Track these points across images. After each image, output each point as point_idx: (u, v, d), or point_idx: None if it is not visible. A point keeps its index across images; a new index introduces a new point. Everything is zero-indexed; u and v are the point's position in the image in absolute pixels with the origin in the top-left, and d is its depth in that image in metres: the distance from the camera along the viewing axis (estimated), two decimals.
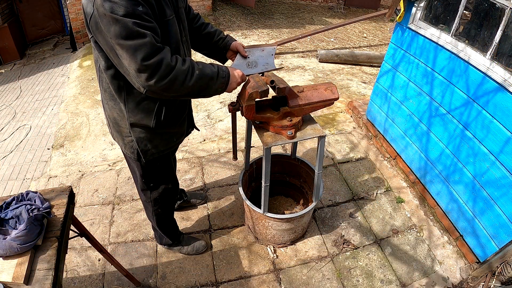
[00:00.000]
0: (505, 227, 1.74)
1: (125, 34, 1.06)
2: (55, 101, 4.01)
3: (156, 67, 1.12)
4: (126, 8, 1.05)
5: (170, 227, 1.97)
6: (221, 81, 1.31)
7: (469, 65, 1.88)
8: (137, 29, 1.07)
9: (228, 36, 1.61)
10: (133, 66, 1.11)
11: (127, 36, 1.07)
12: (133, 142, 1.44)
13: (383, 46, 5.66)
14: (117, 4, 1.04)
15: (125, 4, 1.05)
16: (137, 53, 1.08)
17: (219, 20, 6.09)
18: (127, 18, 1.05)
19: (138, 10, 1.07)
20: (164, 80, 1.14)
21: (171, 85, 1.17)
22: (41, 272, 1.08)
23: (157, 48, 1.12)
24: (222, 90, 1.34)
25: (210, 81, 1.27)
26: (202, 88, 1.27)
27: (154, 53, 1.11)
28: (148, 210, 1.85)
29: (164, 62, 1.13)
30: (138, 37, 1.08)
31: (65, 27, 6.37)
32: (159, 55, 1.12)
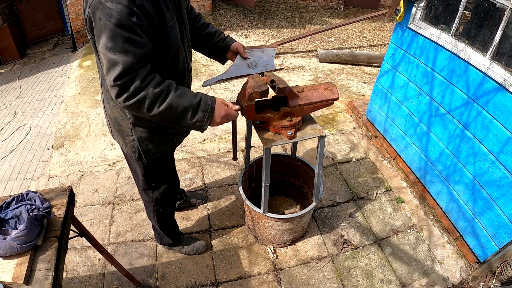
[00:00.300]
0: (505, 227, 1.74)
1: (110, 45, 1.04)
2: (55, 101, 4.01)
3: (125, 86, 1.09)
4: (120, 17, 1.02)
5: (171, 227, 1.97)
6: (201, 115, 1.19)
7: (469, 65, 1.88)
8: (123, 44, 1.04)
9: (229, 37, 1.61)
10: (108, 80, 1.09)
11: (111, 48, 1.05)
12: (135, 141, 1.44)
13: (383, 46, 5.66)
14: (112, 10, 1.01)
15: (120, 12, 1.02)
16: (114, 68, 1.06)
17: (219, 20, 6.09)
18: (118, 28, 1.03)
19: (131, 21, 1.04)
20: (131, 100, 1.10)
21: (138, 107, 1.12)
22: (41, 272, 1.08)
23: (133, 68, 1.08)
24: (203, 125, 1.22)
25: (184, 112, 1.17)
26: (176, 117, 1.18)
27: (127, 73, 1.07)
28: (149, 210, 1.85)
29: (134, 82, 1.08)
30: (120, 52, 1.05)
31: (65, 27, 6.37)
32: (131, 75, 1.08)
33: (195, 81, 3.99)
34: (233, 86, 3.97)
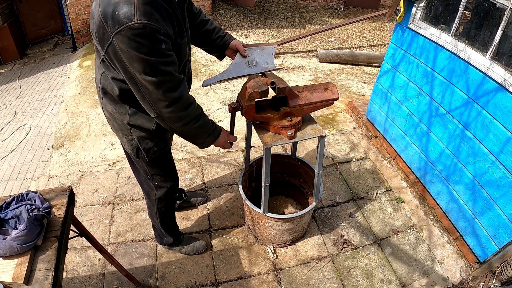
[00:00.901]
0: (505, 227, 1.74)
1: (149, 71, 1.11)
2: (55, 101, 4.01)
3: (175, 100, 1.21)
4: (150, 48, 1.08)
5: (172, 226, 1.98)
6: (212, 138, 1.46)
7: (469, 65, 1.88)
8: (161, 68, 1.12)
9: (227, 34, 1.61)
10: (154, 95, 1.18)
11: (151, 73, 1.12)
12: (133, 140, 1.46)
13: (383, 46, 5.66)
14: (142, 44, 1.06)
15: (149, 44, 1.07)
16: (161, 87, 1.16)
17: (219, 20, 6.09)
18: (152, 57, 1.09)
19: (161, 49, 1.10)
20: (178, 113, 1.25)
21: (180, 120, 1.28)
22: (41, 272, 1.08)
23: (178, 82, 1.21)
24: (207, 145, 1.50)
25: (205, 133, 1.42)
26: (196, 135, 1.41)
27: (175, 87, 1.20)
28: (151, 210, 1.86)
29: (183, 98, 1.23)
30: (161, 74, 1.13)
31: (65, 27, 6.37)
32: (179, 90, 1.21)
33: (195, 81, 3.99)
34: (233, 86, 3.96)
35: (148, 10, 1.06)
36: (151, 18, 1.06)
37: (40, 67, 5.24)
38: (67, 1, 5.11)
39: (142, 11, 1.04)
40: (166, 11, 1.14)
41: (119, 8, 1.04)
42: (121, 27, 1.04)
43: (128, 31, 1.04)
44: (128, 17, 1.03)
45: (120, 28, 1.04)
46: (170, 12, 1.16)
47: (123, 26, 1.04)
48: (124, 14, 1.03)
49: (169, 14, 1.16)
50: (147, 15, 1.05)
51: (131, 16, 1.03)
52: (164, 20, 1.11)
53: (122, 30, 1.04)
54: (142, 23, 1.03)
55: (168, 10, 1.16)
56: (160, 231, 1.97)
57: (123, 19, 1.03)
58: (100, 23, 1.09)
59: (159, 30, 1.08)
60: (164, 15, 1.12)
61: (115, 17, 1.04)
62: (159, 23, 1.08)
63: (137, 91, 1.21)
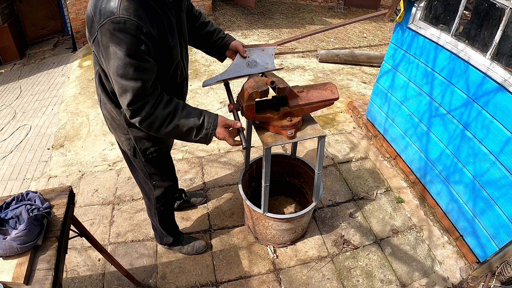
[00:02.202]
0: (505, 227, 1.74)
1: (121, 72, 1.09)
2: (55, 101, 4.01)
3: (138, 110, 1.17)
4: (129, 47, 1.06)
5: (171, 225, 1.98)
6: (204, 132, 1.28)
7: (469, 65, 1.88)
8: (133, 72, 1.10)
9: (228, 35, 1.61)
10: (121, 103, 1.18)
11: (122, 75, 1.10)
12: (131, 140, 1.46)
13: (383, 46, 5.66)
14: (122, 40, 1.04)
15: (129, 41, 1.05)
16: (126, 94, 1.13)
17: (219, 20, 6.09)
18: (128, 58, 1.07)
19: (140, 50, 1.08)
20: (143, 123, 1.21)
21: (150, 127, 1.23)
22: (41, 272, 1.08)
23: (144, 95, 1.16)
24: (207, 141, 1.32)
25: (190, 130, 1.27)
26: (182, 135, 1.29)
27: (140, 99, 1.15)
28: (150, 209, 1.86)
29: (146, 107, 1.17)
30: (131, 79, 1.11)
31: (65, 27, 6.37)
32: (143, 100, 1.16)
33: (195, 81, 3.99)
34: (233, 86, 3.96)
35: (132, 6, 1.05)
36: (134, 14, 1.04)
37: (40, 67, 5.24)
38: (67, 1, 5.12)
39: (126, 5, 1.03)
40: (154, 11, 1.12)
41: (106, 2, 1.04)
42: (104, 21, 1.03)
43: (110, 24, 1.03)
44: (111, 11, 1.03)
45: (103, 22, 1.04)
46: (158, 13, 1.14)
47: (106, 19, 1.03)
48: (108, 8, 1.03)
49: (157, 15, 1.14)
50: (130, 10, 1.04)
51: (114, 10, 1.03)
52: (149, 19, 1.10)
53: (105, 24, 1.04)
54: (123, 18, 1.02)
55: (157, 10, 1.14)
56: (160, 231, 1.97)
57: (107, 12, 1.03)
58: (90, 16, 1.09)
59: (141, 28, 1.06)
60: (150, 14, 1.10)
61: (101, 10, 1.04)
62: (142, 20, 1.06)
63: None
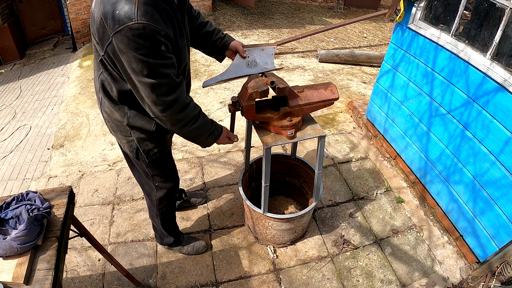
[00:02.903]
0: (505, 227, 1.74)
1: (146, 73, 1.10)
2: (55, 101, 4.01)
3: (171, 104, 1.20)
4: (150, 49, 1.07)
5: (172, 226, 1.98)
6: (213, 137, 1.46)
7: (469, 65, 1.88)
8: (160, 70, 1.11)
9: (227, 35, 1.61)
10: (150, 98, 1.17)
11: (148, 75, 1.11)
12: (133, 142, 1.45)
13: (383, 46, 5.66)
14: (141, 45, 1.05)
15: (149, 45, 1.06)
16: (156, 90, 1.15)
17: (219, 20, 6.09)
18: (151, 59, 1.08)
19: (161, 50, 1.09)
20: (174, 117, 1.25)
21: (177, 122, 1.28)
22: (41, 272, 1.08)
23: (175, 85, 1.19)
24: (208, 145, 1.48)
25: (205, 134, 1.42)
26: (196, 136, 1.41)
27: (171, 91, 1.19)
28: (152, 210, 1.86)
29: (179, 101, 1.22)
30: (159, 77, 1.12)
31: (65, 27, 6.37)
32: (175, 93, 1.20)
33: (195, 81, 3.99)
34: (233, 86, 3.96)
35: (149, 10, 1.05)
36: (151, 19, 1.05)
37: (40, 67, 5.24)
38: (67, 1, 5.11)
39: (143, 11, 1.03)
40: (167, 12, 1.13)
41: (120, 7, 1.03)
42: (121, 27, 1.03)
43: (128, 31, 1.03)
44: (128, 17, 1.02)
45: (120, 28, 1.03)
46: (170, 13, 1.16)
47: (123, 26, 1.02)
48: (124, 14, 1.02)
49: (170, 16, 1.15)
50: (148, 16, 1.04)
51: (131, 16, 1.02)
52: (164, 21, 1.11)
53: (122, 30, 1.03)
54: (142, 24, 1.02)
55: (169, 11, 1.15)
56: (161, 231, 1.97)
57: (123, 19, 1.02)
58: (101, 22, 1.08)
59: (159, 31, 1.07)
60: (164, 16, 1.11)
61: (115, 16, 1.03)
62: (159, 24, 1.07)
63: (136, 92, 1.21)
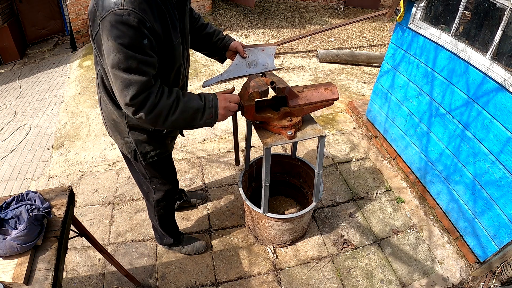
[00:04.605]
0: (505, 227, 1.74)
1: (123, 66, 1.05)
2: (55, 101, 4.01)
3: (142, 104, 1.12)
4: (131, 40, 1.03)
5: (171, 227, 1.98)
6: (209, 111, 1.28)
7: (469, 65, 1.88)
8: (137, 66, 1.06)
9: (227, 36, 1.61)
10: (121, 99, 1.11)
11: (125, 69, 1.06)
12: (131, 143, 1.44)
13: (383, 46, 5.66)
14: (124, 33, 1.02)
15: (132, 35, 1.02)
16: (128, 89, 1.08)
17: (219, 20, 6.09)
18: (130, 51, 1.04)
19: (142, 44, 1.05)
20: (149, 115, 1.15)
21: (156, 119, 1.18)
22: (41, 272, 1.08)
23: (148, 87, 1.11)
24: (212, 121, 1.31)
25: (195, 113, 1.25)
26: (188, 120, 1.25)
27: (143, 91, 1.10)
28: (150, 211, 1.86)
29: (150, 99, 1.12)
30: (135, 73, 1.07)
31: (65, 27, 6.38)
32: (146, 93, 1.11)
33: (195, 81, 3.98)
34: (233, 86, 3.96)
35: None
36: (138, 7, 1.02)
37: (40, 67, 5.24)
38: (67, 1, 5.12)
39: None
40: (158, 7, 1.11)
41: None
42: (107, 13, 1.01)
43: (112, 16, 1.00)
44: (115, 2, 1.00)
45: (106, 14, 1.01)
46: (162, 9, 1.13)
47: (108, 11, 1.00)
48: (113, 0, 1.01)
49: (160, 10, 1.12)
50: (135, 3, 1.02)
51: (118, 2, 1.00)
52: (153, 14, 1.08)
53: (107, 16, 1.01)
54: (127, 10, 1.00)
55: (161, 7, 1.12)
56: (160, 232, 1.97)
57: (110, 5, 1.01)
58: (92, 11, 1.07)
59: (145, 22, 1.04)
60: (154, 9, 1.09)
61: (104, 2, 1.02)
62: (146, 14, 1.04)
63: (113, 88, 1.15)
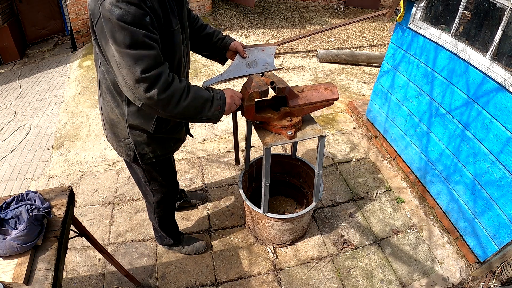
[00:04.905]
0: (505, 227, 1.74)
1: (129, 42, 1.04)
2: (55, 101, 4.01)
3: (155, 80, 1.09)
4: (134, 17, 1.02)
5: (171, 227, 1.97)
6: (217, 103, 1.27)
7: (469, 65, 1.88)
8: (143, 40, 1.05)
9: (227, 36, 1.61)
10: (131, 76, 1.07)
11: (131, 45, 1.04)
12: (131, 144, 1.41)
13: (383, 46, 5.66)
14: (125, 11, 1.01)
15: (134, 12, 1.02)
16: (138, 63, 1.06)
17: (219, 20, 6.09)
18: (134, 27, 1.03)
19: (145, 21, 1.05)
20: (162, 95, 1.11)
21: (168, 102, 1.14)
22: (41, 272, 1.08)
23: (160, 62, 1.10)
24: (220, 113, 1.29)
25: (205, 103, 1.24)
26: (198, 109, 1.23)
27: (155, 66, 1.08)
28: (150, 212, 1.86)
29: (163, 76, 1.10)
30: (143, 47, 1.06)
31: (65, 27, 6.38)
32: (159, 68, 1.09)
33: (195, 81, 3.99)
34: (233, 86, 3.96)
35: None
36: None
37: (40, 67, 5.24)
38: (67, 1, 5.11)
39: None
40: None
41: None
42: None
43: None
44: None
45: None
46: None
47: None
48: None
49: None
50: None
51: None
52: None
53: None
54: None
55: None
56: (160, 232, 1.97)
57: None
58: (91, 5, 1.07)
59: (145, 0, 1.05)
60: None
61: None
62: None
63: (117, 74, 1.12)
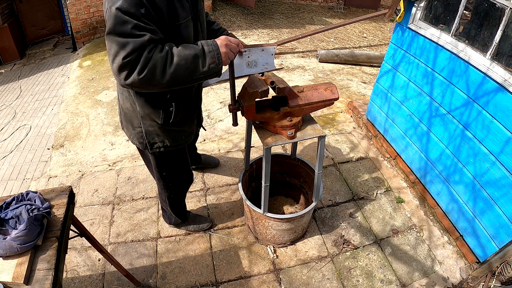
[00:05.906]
0: (505, 227, 1.74)
1: (119, 30, 1.08)
2: (55, 101, 4.01)
3: (135, 62, 1.09)
4: (129, 6, 1.07)
5: (181, 208, 2.07)
6: (210, 56, 1.18)
7: (469, 65, 1.88)
8: (131, 30, 1.08)
9: (231, 34, 1.66)
10: (116, 63, 1.09)
11: (121, 33, 1.08)
12: (142, 133, 1.50)
13: (383, 46, 5.66)
14: (123, 1, 1.07)
15: (130, 2, 1.07)
16: (124, 48, 1.08)
17: (219, 20, 6.09)
18: (126, 16, 1.07)
19: (139, 12, 1.09)
20: (142, 73, 1.10)
21: (153, 75, 1.12)
22: (41, 272, 1.08)
23: (143, 46, 1.10)
24: (217, 66, 1.21)
25: (195, 60, 1.16)
26: (190, 69, 1.16)
27: (137, 49, 1.09)
28: (161, 195, 1.94)
29: (143, 55, 1.09)
30: (131, 36, 1.09)
31: (65, 27, 6.37)
32: (140, 50, 1.09)
33: None
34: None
35: None
36: None
37: (40, 67, 5.24)
38: (67, 1, 5.11)
39: None
40: None
41: None
42: None
43: None
44: None
45: None
46: None
47: None
48: None
49: None
50: None
51: None
52: None
53: None
54: None
55: None
56: (169, 213, 2.05)
57: None
58: None
59: None
60: None
61: None
62: None
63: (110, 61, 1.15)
